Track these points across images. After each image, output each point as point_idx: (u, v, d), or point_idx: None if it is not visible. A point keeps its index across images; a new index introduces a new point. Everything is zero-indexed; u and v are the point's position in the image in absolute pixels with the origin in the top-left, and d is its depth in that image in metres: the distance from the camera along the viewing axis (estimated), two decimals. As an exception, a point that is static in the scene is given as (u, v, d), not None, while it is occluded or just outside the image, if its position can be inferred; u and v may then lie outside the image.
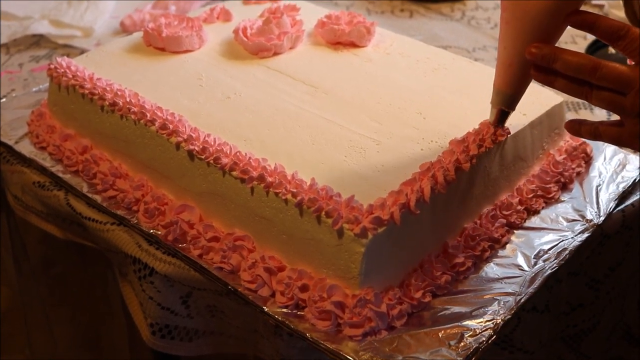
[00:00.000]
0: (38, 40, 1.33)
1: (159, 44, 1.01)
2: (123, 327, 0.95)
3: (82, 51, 1.25)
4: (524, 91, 0.76)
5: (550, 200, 0.87)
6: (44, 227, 0.96)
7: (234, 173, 0.77)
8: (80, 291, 1.06)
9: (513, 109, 0.77)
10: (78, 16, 1.36)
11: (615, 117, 0.71)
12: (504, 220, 0.82)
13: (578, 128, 0.73)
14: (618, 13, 1.30)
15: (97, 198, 0.88)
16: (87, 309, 1.07)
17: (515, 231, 0.83)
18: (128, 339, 0.96)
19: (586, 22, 0.68)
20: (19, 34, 1.32)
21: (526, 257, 0.79)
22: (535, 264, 0.78)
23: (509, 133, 0.81)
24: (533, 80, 0.73)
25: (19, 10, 1.39)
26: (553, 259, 0.79)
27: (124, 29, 1.33)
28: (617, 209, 0.87)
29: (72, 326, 1.13)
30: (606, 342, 0.95)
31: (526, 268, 0.78)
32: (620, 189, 0.88)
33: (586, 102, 1.11)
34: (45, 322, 1.13)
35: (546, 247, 0.80)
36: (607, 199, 0.87)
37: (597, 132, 0.71)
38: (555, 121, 0.90)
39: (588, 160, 0.92)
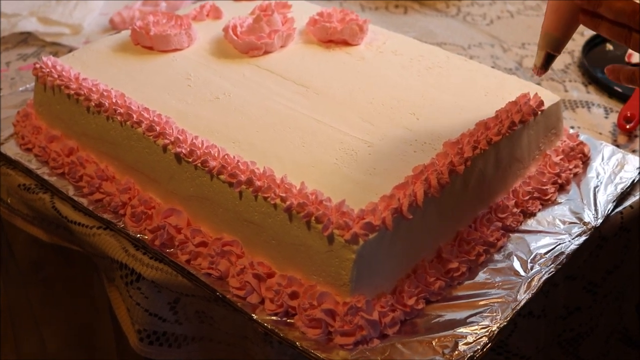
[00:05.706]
0: (26, 38, 1.31)
1: (146, 42, 0.99)
2: (111, 333, 0.93)
3: (71, 49, 1.23)
4: (571, 35, 0.76)
5: (546, 202, 0.85)
6: (29, 230, 0.94)
7: (222, 177, 0.75)
8: (69, 295, 1.04)
9: (559, 52, 0.78)
10: (67, 13, 1.34)
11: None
12: (500, 224, 0.80)
13: (617, 73, 0.74)
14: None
15: (83, 201, 0.86)
16: (76, 313, 1.06)
17: (511, 234, 0.81)
18: (116, 345, 0.94)
19: None
20: (7, 31, 1.30)
21: (522, 262, 0.77)
22: (532, 268, 0.76)
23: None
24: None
25: (6, 8, 1.36)
26: (550, 263, 0.77)
27: (114, 27, 1.31)
28: (615, 210, 0.85)
29: (60, 329, 1.11)
30: (604, 346, 0.94)
31: (522, 273, 0.76)
32: (619, 190, 0.86)
33: (583, 101, 1.10)
34: (33, 324, 1.11)
35: (543, 250, 0.78)
36: (605, 200, 0.85)
37: (634, 77, 0.72)
38: (552, 121, 0.88)
39: (585, 160, 0.90)
